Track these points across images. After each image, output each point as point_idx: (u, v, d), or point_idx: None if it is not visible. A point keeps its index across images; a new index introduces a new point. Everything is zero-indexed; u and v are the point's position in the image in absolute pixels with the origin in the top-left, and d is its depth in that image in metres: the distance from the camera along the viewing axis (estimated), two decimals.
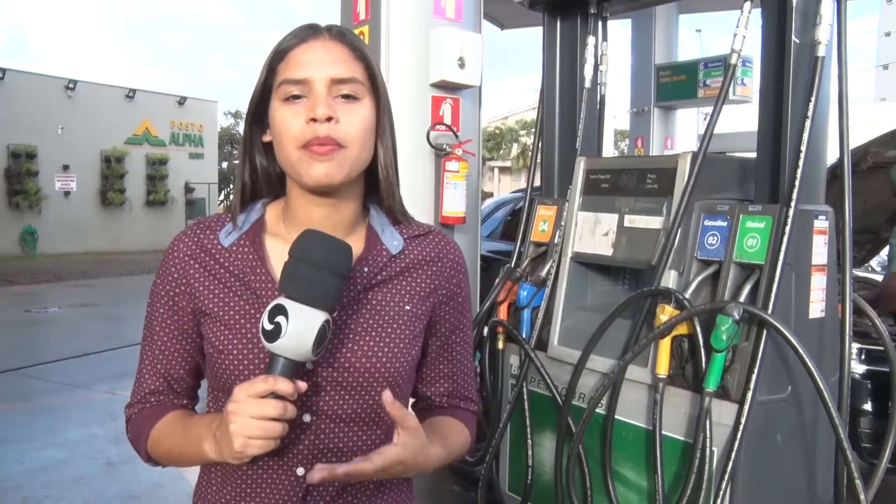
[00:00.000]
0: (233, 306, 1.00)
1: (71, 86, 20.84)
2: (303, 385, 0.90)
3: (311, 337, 0.87)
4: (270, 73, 0.99)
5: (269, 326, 0.87)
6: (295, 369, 0.90)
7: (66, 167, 20.49)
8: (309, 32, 0.99)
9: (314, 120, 0.94)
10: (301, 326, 0.87)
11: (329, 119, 0.94)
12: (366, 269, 1.02)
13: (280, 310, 0.87)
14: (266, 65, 1.00)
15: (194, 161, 24.37)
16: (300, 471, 0.98)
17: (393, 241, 1.06)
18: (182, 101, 23.98)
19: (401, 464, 0.93)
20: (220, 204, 26.13)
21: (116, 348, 7.05)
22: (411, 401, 1.15)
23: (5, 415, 5.08)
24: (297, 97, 0.96)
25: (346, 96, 0.97)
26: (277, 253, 1.02)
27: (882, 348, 2.43)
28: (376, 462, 0.91)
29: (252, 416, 0.85)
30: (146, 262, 17.00)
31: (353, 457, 1.00)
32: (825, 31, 2.09)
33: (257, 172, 1.06)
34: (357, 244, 1.04)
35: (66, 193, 20.56)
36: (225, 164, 31.15)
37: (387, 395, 0.91)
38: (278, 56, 0.99)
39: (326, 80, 0.96)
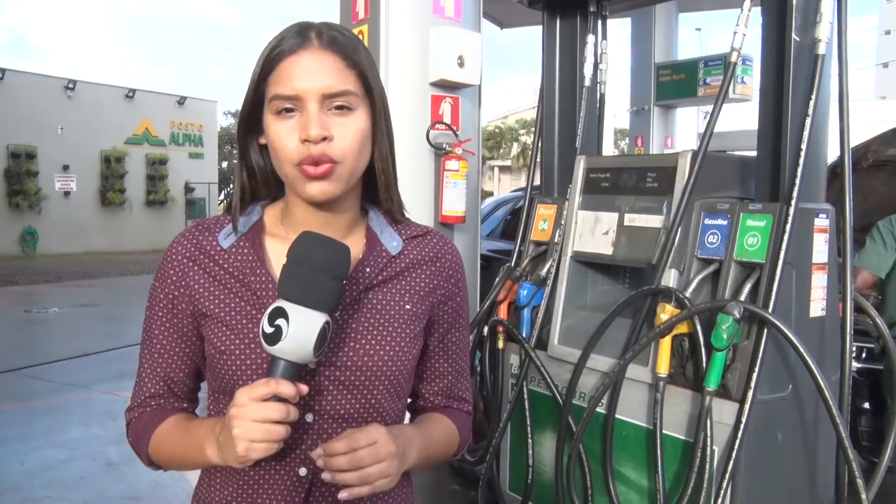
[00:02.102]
0: (233, 307, 1.00)
1: (70, 86, 20.84)
2: (304, 388, 0.90)
3: (312, 339, 0.87)
4: (261, 81, 0.98)
5: (269, 329, 0.87)
6: (296, 371, 0.89)
7: (65, 167, 20.50)
8: (299, 41, 0.96)
9: (308, 140, 0.93)
10: (301, 329, 0.87)
11: (323, 139, 0.93)
12: (367, 270, 1.03)
13: (280, 312, 0.87)
14: (257, 71, 0.98)
15: (194, 161, 24.37)
16: (303, 471, 0.98)
17: (392, 241, 1.06)
18: (182, 100, 23.98)
19: (375, 437, 0.92)
20: (219, 204, 26.13)
21: (117, 348, 7.06)
22: (408, 401, 1.15)
23: (5, 415, 5.08)
24: (289, 111, 0.95)
25: (340, 107, 0.95)
26: (277, 253, 1.02)
27: (877, 346, 2.43)
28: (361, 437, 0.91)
29: (255, 420, 0.85)
30: (146, 262, 17.01)
31: None
32: (825, 29, 2.09)
33: (255, 176, 1.05)
34: (357, 245, 1.04)
35: (66, 193, 20.57)
36: (225, 164, 31.17)
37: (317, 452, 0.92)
38: (269, 64, 0.97)
39: (318, 95, 0.94)
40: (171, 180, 23.43)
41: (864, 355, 3.33)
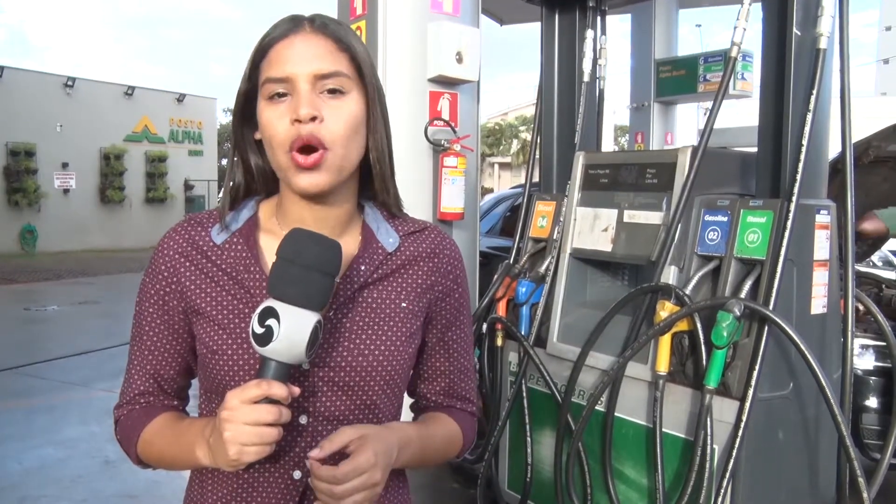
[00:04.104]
0: (226, 305, 0.98)
1: (70, 83, 20.81)
2: (296, 389, 0.87)
3: (304, 339, 0.85)
4: (254, 70, 0.96)
5: (259, 330, 0.85)
6: (288, 372, 0.87)
7: (65, 165, 20.47)
8: (290, 26, 0.96)
9: (298, 121, 0.91)
10: (293, 328, 0.84)
11: (313, 119, 0.91)
12: (363, 268, 1.00)
13: (270, 312, 0.85)
14: (249, 62, 0.97)
15: (194, 158, 24.36)
16: (297, 474, 0.96)
17: (389, 238, 1.04)
18: (181, 98, 23.96)
19: (365, 444, 0.90)
20: (219, 201, 26.11)
21: (115, 346, 7.03)
22: (409, 401, 1.13)
23: (4, 413, 5.07)
24: (281, 95, 0.93)
25: (332, 91, 0.94)
26: (271, 250, 0.99)
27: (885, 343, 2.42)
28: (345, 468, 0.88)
29: (246, 423, 0.83)
30: (146, 259, 16.77)
31: None
32: (827, 24, 2.07)
33: (252, 172, 1.03)
34: (352, 242, 1.02)
35: (66, 191, 20.55)
36: (224, 161, 31.18)
37: (314, 453, 0.89)
38: (260, 52, 0.96)
39: (309, 76, 0.92)
40: (170, 178, 23.41)
41: (870, 353, 3.31)
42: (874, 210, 3.42)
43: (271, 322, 0.84)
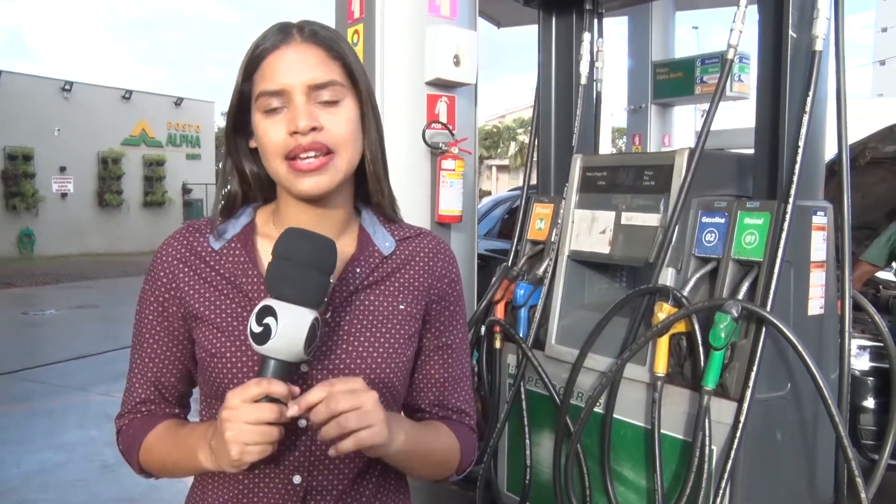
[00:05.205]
0: (224, 309, 0.98)
1: (67, 87, 20.82)
2: (296, 388, 0.88)
3: (302, 336, 0.85)
4: (246, 80, 0.97)
5: (257, 329, 0.85)
6: (287, 371, 0.88)
7: (62, 169, 20.48)
8: (280, 37, 0.96)
9: (297, 132, 0.92)
10: (291, 326, 0.85)
11: (313, 129, 0.92)
12: (358, 270, 1.01)
13: (268, 311, 0.85)
14: (241, 72, 0.98)
15: (191, 162, 24.36)
16: (297, 478, 0.96)
17: (385, 242, 1.05)
18: (179, 101, 23.96)
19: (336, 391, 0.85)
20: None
21: (114, 350, 7.03)
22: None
23: (3, 418, 5.06)
24: (277, 108, 0.94)
25: (327, 102, 0.95)
26: (269, 254, 1.00)
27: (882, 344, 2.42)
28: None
29: (247, 422, 0.83)
30: (144, 263, 16.94)
31: (351, 463, 0.98)
32: (822, 26, 2.07)
33: (248, 181, 1.04)
34: (349, 245, 1.03)
35: (63, 195, 20.55)
36: (222, 165, 31.19)
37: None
38: (252, 63, 0.96)
39: (304, 86, 0.93)
40: (168, 181, 23.41)
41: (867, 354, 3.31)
42: (861, 256, 3.48)
43: (269, 320, 0.85)
